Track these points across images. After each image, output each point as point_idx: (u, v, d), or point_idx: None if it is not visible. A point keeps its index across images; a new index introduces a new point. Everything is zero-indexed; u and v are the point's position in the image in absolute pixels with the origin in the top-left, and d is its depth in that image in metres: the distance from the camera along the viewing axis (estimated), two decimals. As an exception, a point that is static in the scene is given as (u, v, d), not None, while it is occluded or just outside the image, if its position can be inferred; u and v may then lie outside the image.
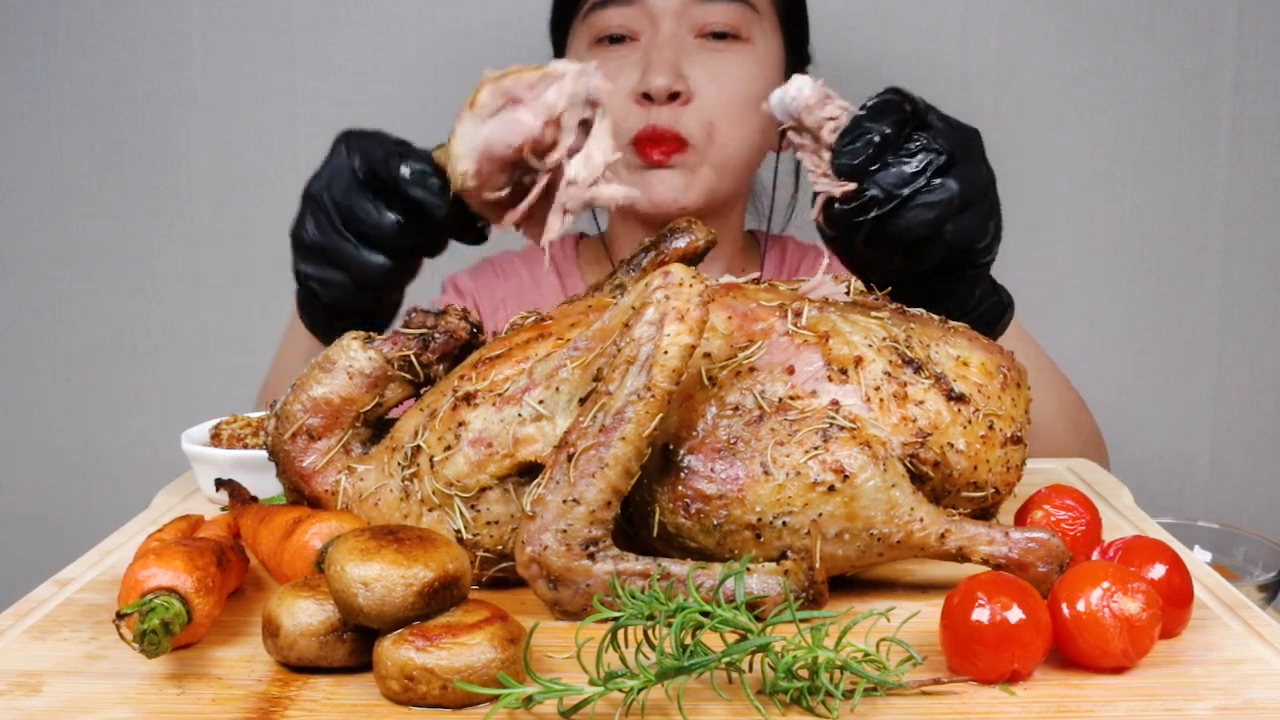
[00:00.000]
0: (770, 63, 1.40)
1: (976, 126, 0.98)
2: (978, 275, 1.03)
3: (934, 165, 0.92)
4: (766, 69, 1.39)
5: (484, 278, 1.56)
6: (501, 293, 1.54)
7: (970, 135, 0.97)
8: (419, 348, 0.86)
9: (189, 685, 0.67)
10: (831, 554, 0.76)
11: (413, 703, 0.64)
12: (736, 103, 1.36)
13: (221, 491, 0.91)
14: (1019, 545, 0.75)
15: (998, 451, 0.81)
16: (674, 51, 1.34)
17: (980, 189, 0.96)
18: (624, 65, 1.36)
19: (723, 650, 0.62)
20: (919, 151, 0.92)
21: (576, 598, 0.74)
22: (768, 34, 1.40)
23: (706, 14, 1.36)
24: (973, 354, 0.83)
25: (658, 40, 1.35)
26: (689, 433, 0.78)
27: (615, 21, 1.37)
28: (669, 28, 1.35)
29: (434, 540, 0.68)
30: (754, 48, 1.38)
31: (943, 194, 0.92)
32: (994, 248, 1.00)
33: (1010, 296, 1.12)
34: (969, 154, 0.95)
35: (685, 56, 1.35)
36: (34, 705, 0.65)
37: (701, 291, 0.74)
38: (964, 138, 0.96)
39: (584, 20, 1.40)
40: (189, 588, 0.69)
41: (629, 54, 1.36)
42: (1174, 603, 0.71)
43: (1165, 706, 0.63)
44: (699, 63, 1.35)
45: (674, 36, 1.35)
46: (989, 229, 0.98)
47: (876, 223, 0.92)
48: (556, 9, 1.47)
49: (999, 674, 0.65)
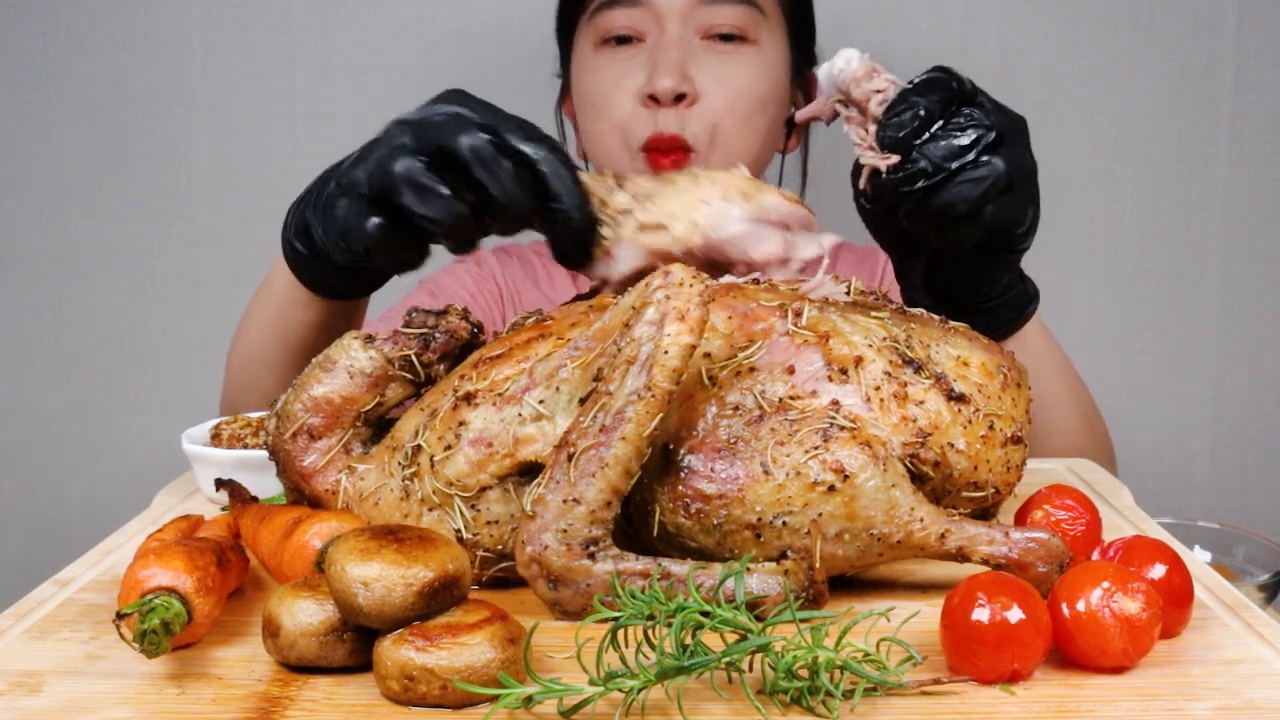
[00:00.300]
0: (776, 64, 1.40)
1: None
2: (1011, 261, 1.02)
3: (983, 142, 0.91)
4: (773, 71, 1.39)
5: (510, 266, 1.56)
6: (518, 279, 1.54)
7: (1018, 121, 0.96)
8: (420, 347, 0.86)
9: (189, 685, 0.67)
10: (831, 554, 0.76)
11: (413, 703, 0.64)
12: (742, 105, 1.35)
13: (221, 491, 0.91)
14: (1019, 545, 0.75)
15: (998, 451, 0.81)
16: (680, 53, 1.34)
17: (1024, 173, 0.95)
18: (629, 67, 1.35)
19: (723, 650, 0.62)
20: (969, 127, 0.92)
21: (576, 598, 0.74)
22: (774, 36, 1.40)
23: (713, 16, 1.35)
24: (973, 354, 0.83)
25: (664, 41, 1.34)
26: (689, 432, 0.78)
27: (621, 22, 1.37)
28: (675, 29, 1.35)
29: (434, 540, 0.68)
30: (760, 49, 1.38)
31: (989, 170, 0.91)
32: (1030, 236, 0.99)
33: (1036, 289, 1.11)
34: (1017, 137, 0.95)
35: (691, 58, 1.35)
36: (34, 705, 0.65)
37: (702, 291, 0.74)
38: (1013, 121, 0.95)
39: (590, 21, 1.40)
40: (189, 588, 0.69)
41: (635, 55, 1.36)
42: (1174, 603, 0.71)
43: (1165, 706, 0.63)
44: (705, 65, 1.35)
45: (680, 38, 1.34)
46: (1028, 215, 0.97)
47: (921, 195, 0.91)
48: (562, 10, 1.46)
49: (999, 674, 0.65)
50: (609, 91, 1.37)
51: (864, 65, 0.94)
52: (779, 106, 1.41)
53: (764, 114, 1.37)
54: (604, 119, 1.38)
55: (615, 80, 1.37)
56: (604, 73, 1.38)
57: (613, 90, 1.37)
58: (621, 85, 1.36)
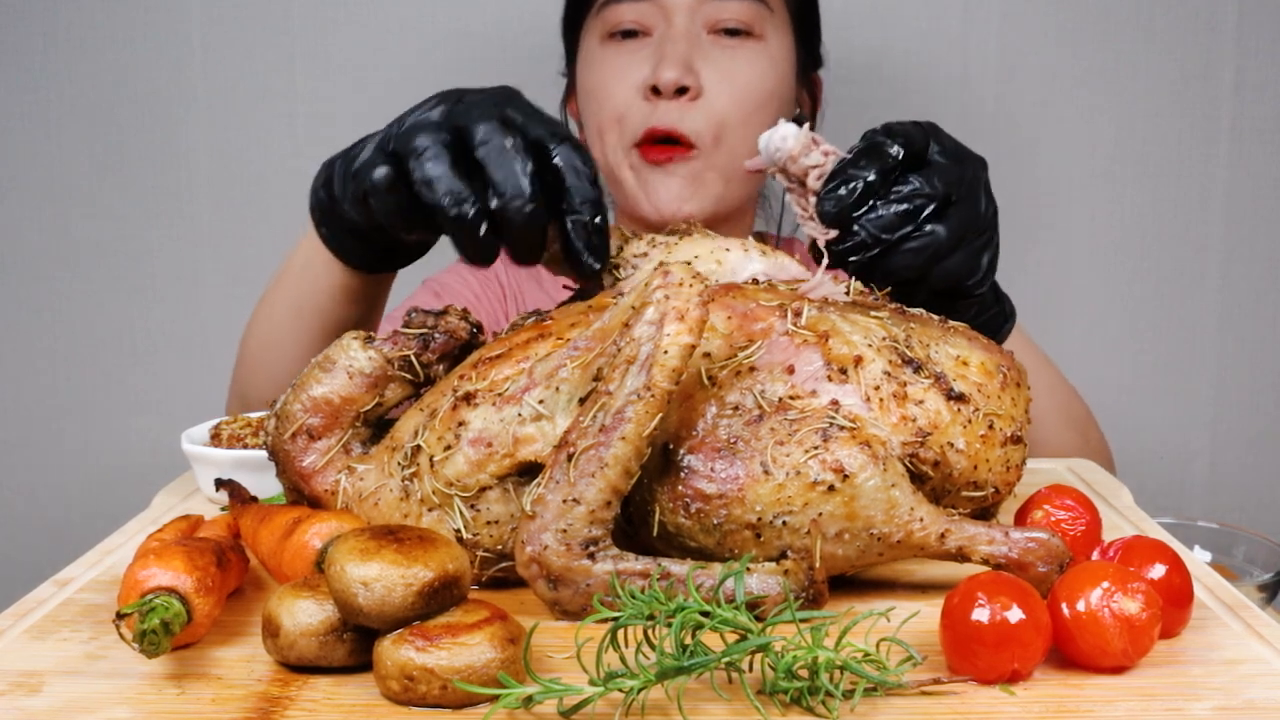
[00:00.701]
0: (782, 60, 1.39)
1: (977, 126, 0.98)
2: (970, 303, 1.03)
3: (924, 211, 0.92)
4: (778, 67, 1.38)
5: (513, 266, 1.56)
6: (521, 279, 1.54)
7: (972, 168, 0.97)
8: (419, 347, 0.86)
9: (189, 685, 0.67)
10: (831, 554, 0.76)
11: (413, 703, 0.64)
12: (747, 100, 1.35)
13: (221, 491, 0.91)
14: (1019, 545, 0.75)
15: (998, 451, 0.81)
16: (686, 46, 1.33)
17: (977, 226, 0.96)
18: (635, 59, 1.35)
19: (723, 650, 0.62)
20: (908, 197, 0.92)
21: (576, 597, 0.74)
22: (780, 32, 1.39)
23: (720, 10, 1.35)
24: (973, 353, 0.83)
25: (671, 34, 1.34)
26: (689, 432, 0.78)
27: (628, 16, 1.36)
28: (682, 22, 1.34)
29: (434, 540, 0.68)
30: (766, 45, 1.37)
31: (930, 240, 0.93)
32: (986, 281, 1.00)
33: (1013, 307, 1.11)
34: (969, 190, 0.95)
35: (698, 52, 1.34)
36: (34, 705, 0.65)
37: (701, 291, 0.74)
38: (964, 173, 0.95)
39: (597, 15, 1.39)
40: (189, 588, 0.69)
41: (640, 49, 1.36)
42: (1174, 603, 0.71)
43: (1165, 706, 0.63)
44: (711, 60, 1.34)
45: (687, 31, 1.34)
46: (980, 265, 0.98)
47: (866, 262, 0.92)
48: (570, 4, 1.46)
49: (999, 674, 0.65)
50: (610, 83, 1.37)
51: (800, 141, 0.94)
52: (784, 103, 1.41)
53: (769, 110, 1.37)
54: (604, 110, 1.38)
55: (618, 72, 1.36)
56: (608, 65, 1.38)
57: (614, 82, 1.36)
58: (624, 77, 1.35)
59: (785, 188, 0.97)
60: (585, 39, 1.42)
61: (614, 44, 1.38)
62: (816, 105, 1.52)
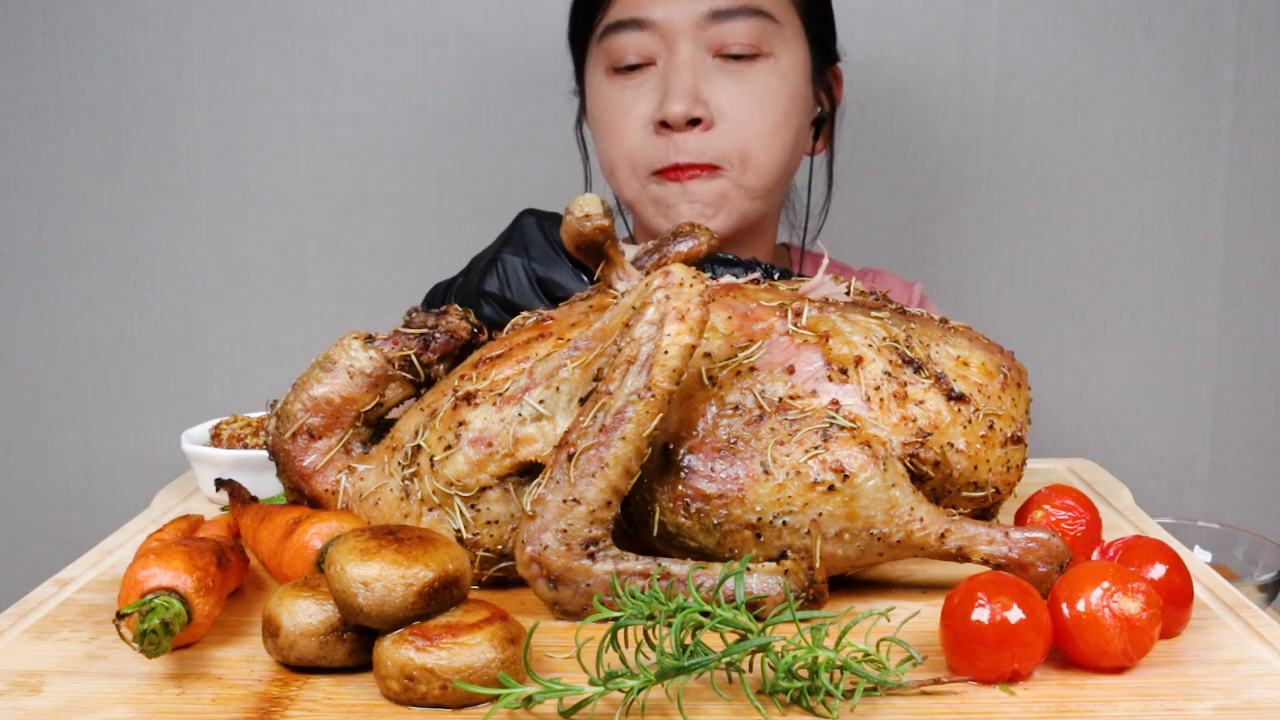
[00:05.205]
0: (794, 73, 1.35)
1: (977, 126, 0.96)
2: None
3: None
4: (791, 81, 1.34)
5: None
6: None
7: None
8: (419, 347, 0.86)
9: (189, 685, 0.67)
10: (831, 554, 0.76)
11: (413, 703, 0.64)
12: (765, 125, 1.31)
13: (221, 491, 0.91)
14: (1019, 545, 0.75)
15: (998, 451, 0.81)
16: (692, 75, 1.29)
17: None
18: (640, 93, 1.31)
19: (723, 650, 0.62)
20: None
21: (576, 597, 0.74)
22: (789, 43, 1.35)
23: (724, 33, 1.30)
24: (973, 354, 0.83)
25: (675, 63, 1.29)
26: (689, 432, 0.78)
27: (630, 48, 1.32)
28: (686, 50, 1.30)
29: (434, 540, 0.68)
30: (776, 62, 1.33)
31: None
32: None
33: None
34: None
35: (704, 80, 1.30)
36: (34, 705, 0.65)
37: (702, 291, 0.74)
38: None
39: (599, 44, 1.36)
40: (189, 588, 0.69)
41: (645, 81, 1.32)
42: (1174, 603, 0.71)
43: (1165, 706, 0.63)
44: (719, 86, 1.30)
45: (691, 58, 1.29)
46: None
47: None
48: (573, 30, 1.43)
49: (999, 674, 0.65)
50: (619, 121, 1.33)
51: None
52: (802, 115, 1.38)
53: (788, 127, 1.34)
54: (615, 147, 1.35)
55: (625, 109, 1.33)
56: (614, 101, 1.35)
57: (622, 119, 1.33)
58: (631, 113, 1.32)
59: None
60: (591, 68, 1.39)
61: (619, 79, 1.34)
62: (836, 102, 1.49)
